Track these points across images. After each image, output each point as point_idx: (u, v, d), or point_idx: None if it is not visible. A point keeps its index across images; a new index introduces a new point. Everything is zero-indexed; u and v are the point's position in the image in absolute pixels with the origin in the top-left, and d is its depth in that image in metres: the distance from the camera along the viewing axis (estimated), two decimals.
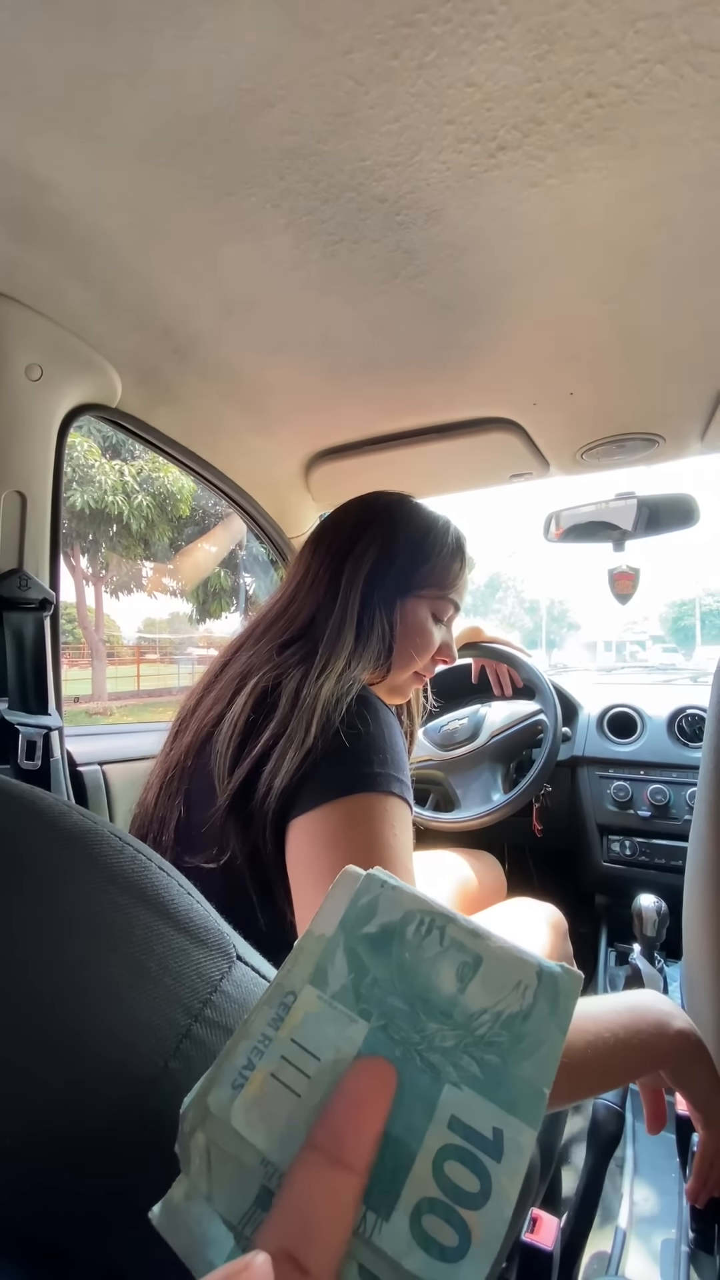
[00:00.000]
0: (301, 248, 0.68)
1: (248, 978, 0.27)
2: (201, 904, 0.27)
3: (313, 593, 0.78)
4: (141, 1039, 0.23)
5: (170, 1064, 0.23)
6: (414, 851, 0.61)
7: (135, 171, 0.59)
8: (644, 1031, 0.52)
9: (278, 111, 0.52)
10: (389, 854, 0.56)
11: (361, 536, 0.79)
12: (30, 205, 0.62)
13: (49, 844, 0.24)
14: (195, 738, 0.70)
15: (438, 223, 0.64)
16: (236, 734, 0.64)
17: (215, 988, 0.25)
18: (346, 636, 0.73)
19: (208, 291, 0.75)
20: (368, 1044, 0.21)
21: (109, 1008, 0.23)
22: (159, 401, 0.97)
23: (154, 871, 0.25)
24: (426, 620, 0.80)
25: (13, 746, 0.79)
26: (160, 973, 0.24)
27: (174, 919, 0.25)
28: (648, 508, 1.25)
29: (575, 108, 0.52)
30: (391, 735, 0.63)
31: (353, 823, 0.57)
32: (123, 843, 0.25)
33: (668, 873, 1.38)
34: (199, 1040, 0.24)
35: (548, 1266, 0.52)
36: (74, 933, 0.23)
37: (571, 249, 0.67)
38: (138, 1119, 0.23)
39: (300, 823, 0.58)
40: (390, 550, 0.78)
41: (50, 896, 0.23)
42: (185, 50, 0.48)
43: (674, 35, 0.46)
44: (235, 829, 0.61)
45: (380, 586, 0.77)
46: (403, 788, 0.60)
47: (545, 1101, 0.19)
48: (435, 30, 0.46)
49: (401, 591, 0.78)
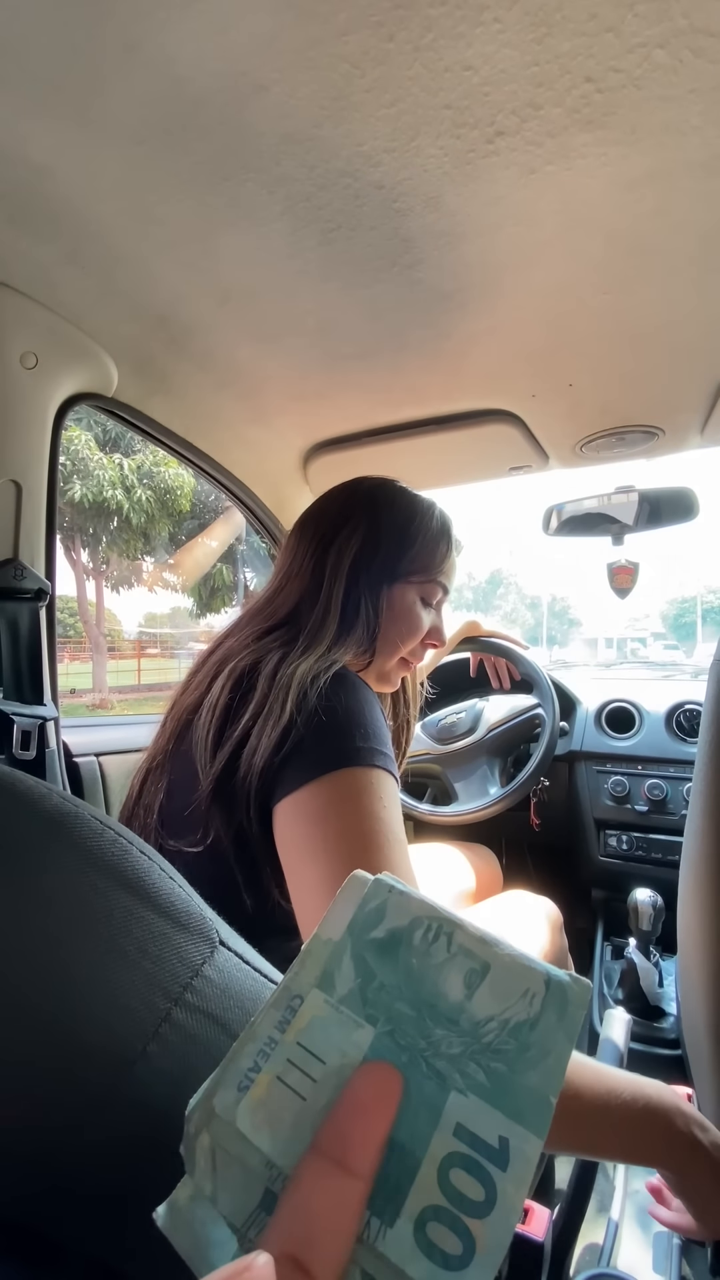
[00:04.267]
0: (298, 235, 0.67)
1: (230, 963, 0.27)
2: (184, 888, 0.27)
3: (297, 580, 0.78)
4: (120, 1021, 0.23)
5: (149, 1047, 0.23)
6: (410, 844, 0.61)
7: (130, 156, 0.58)
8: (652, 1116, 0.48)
9: (273, 95, 0.52)
10: (379, 826, 0.55)
11: (346, 523, 0.79)
12: (24, 190, 0.62)
13: (27, 826, 0.24)
14: (177, 724, 0.71)
15: (435, 210, 0.63)
16: (216, 717, 0.65)
17: (196, 972, 0.25)
18: (330, 624, 0.73)
19: (204, 279, 0.75)
20: (374, 1049, 0.21)
21: (86, 990, 0.23)
22: (155, 391, 0.97)
23: (135, 855, 0.25)
24: (414, 605, 0.80)
25: (7, 737, 0.79)
26: (139, 956, 0.24)
27: (154, 902, 0.25)
28: (648, 501, 1.24)
29: (574, 93, 0.51)
30: (371, 711, 0.63)
31: (340, 798, 0.56)
32: (103, 826, 0.25)
33: (664, 867, 1.38)
34: (179, 1024, 0.24)
35: (539, 1258, 0.52)
36: (51, 914, 0.23)
37: (570, 237, 0.67)
38: (118, 1102, 0.23)
39: (287, 803, 0.58)
40: (375, 536, 0.78)
41: (28, 878, 0.23)
42: (179, 33, 0.47)
43: (673, 19, 0.46)
44: (219, 811, 0.61)
45: (365, 573, 0.76)
46: (386, 760, 0.60)
47: (552, 1110, 0.19)
48: (431, 12, 0.45)
49: (387, 577, 0.78)
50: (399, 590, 0.79)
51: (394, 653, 0.80)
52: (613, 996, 1.28)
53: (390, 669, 0.82)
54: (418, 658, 0.85)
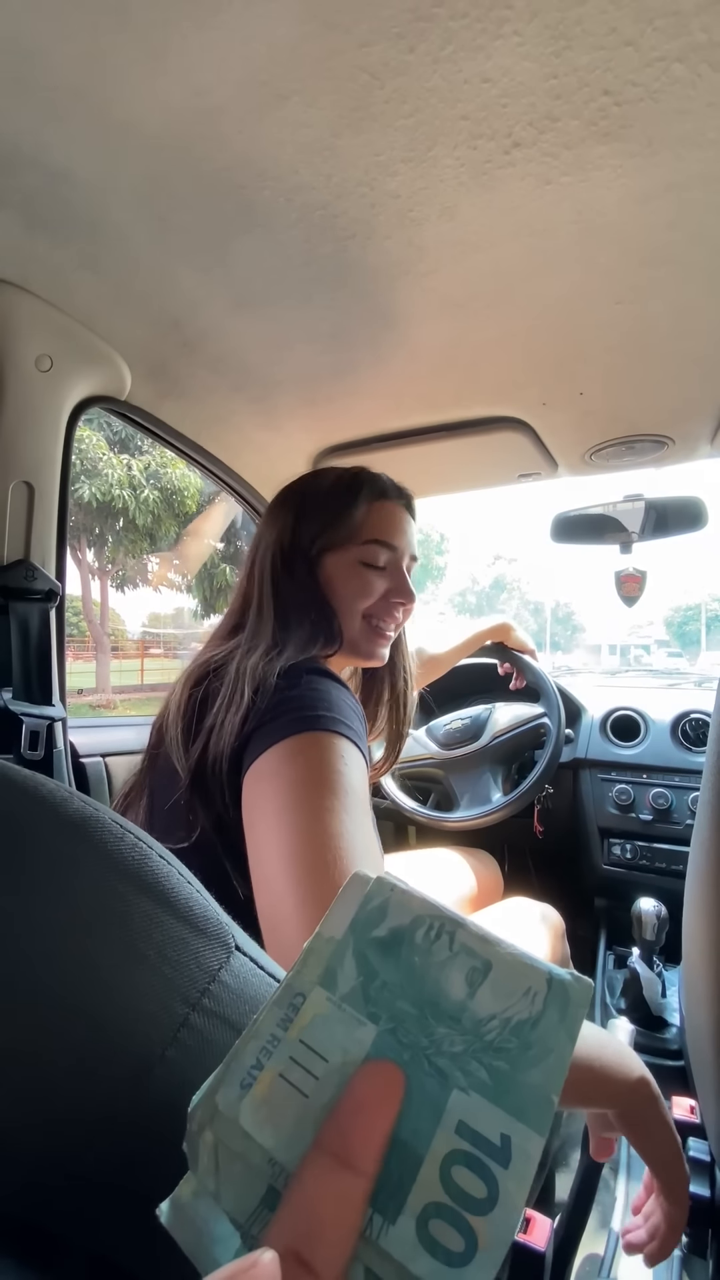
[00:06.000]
0: (313, 242, 0.67)
1: (246, 968, 0.27)
2: (201, 893, 0.27)
3: (241, 581, 0.82)
4: (140, 1026, 0.23)
5: (168, 1052, 0.23)
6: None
7: (148, 162, 0.59)
8: (608, 1060, 0.48)
9: (292, 105, 0.52)
10: (338, 780, 0.54)
11: (276, 519, 0.82)
12: (43, 195, 0.62)
13: (50, 830, 0.24)
14: (155, 727, 0.74)
15: (450, 219, 0.64)
16: (182, 715, 0.68)
17: (214, 977, 0.25)
18: (266, 618, 0.75)
19: (218, 285, 0.75)
20: (376, 1047, 0.21)
21: (108, 994, 0.23)
22: (167, 394, 0.97)
23: (154, 860, 0.26)
24: (353, 570, 0.79)
25: (16, 737, 0.80)
26: (159, 960, 0.24)
27: (173, 907, 0.25)
28: (656, 510, 1.24)
29: (591, 105, 0.51)
30: (336, 692, 0.63)
31: (298, 751, 0.56)
32: (123, 830, 0.25)
33: (668, 877, 1.38)
34: (197, 1029, 0.24)
35: (540, 1268, 0.52)
36: (74, 918, 0.23)
37: (585, 248, 0.67)
38: (137, 1106, 0.23)
39: (250, 773, 0.58)
40: (290, 522, 0.80)
41: (51, 882, 0.23)
42: (201, 41, 0.48)
43: (692, 34, 0.46)
44: (200, 803, 0.62)
45: (284, 560, 0.78)
46: (351, 732, 0.60)
47: (554, 1109, 0.19)
48: (452, 25, 0.46)
49: (306, 554, 0.79)
50: (330, 561, 0.79)
51: (353, 618, 0.79)
52: (615, 1006, 1.28)
53: (357, 635, 0.80)
54: (388, 616, 0.83)
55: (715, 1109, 0.62)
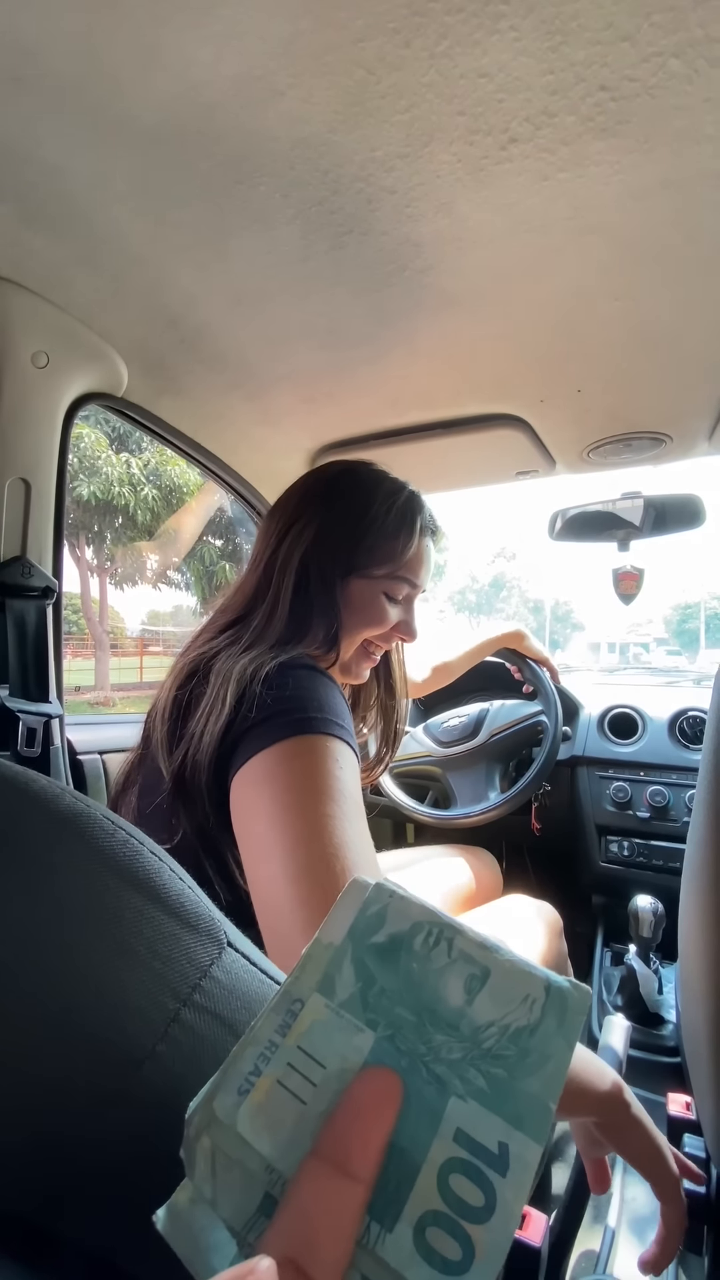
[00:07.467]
0: (310, 239, 0.67)
1: (238, 964, 0.27)
2: (193, 890, 0.27)
3: (253, 573, 0.76)
4: (129, 1021, 0.23)
5: (159, 1047, 0.23)
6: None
7: (144, 158, 0.58)
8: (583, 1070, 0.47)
9: (288, 100, 0.52)
10: (335, 785, 0.53)
11: (302, 513, 0.76)
12: (39, 191, 0.62)
13: (41, 825, 0.24)
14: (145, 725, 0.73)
15: (447, 215, 0.64)
16: (167, 716, 0.66)
17: (205, 973, 0.25)
18: (276, 621, 0.71)
19: (215, 281, 0.75)
20: (374, 1054, 0.21)
21: (97, 989, 0.23)
22: (165, 391, 0.97)
23: (146, 855, 0.26)
24: (375, 600, 0.75)
25: (13, 734, 0.80)
26: (149, 956, 0.24)
27: (164, 903, 0.25)
28: (654, 508, 1.24)
29: (588, 101, 0.51)
30: (327, 691, 0.61)
31: (291, 756, 0.55)
32: (115, 826, 0.25)
33: (665, 874, 1.38)
34: (187, 1025, 0.24)
35: (535, 1263, 0.52)
36: (64, 913, 0.23)
37: (582, 244, 0.67)
38: (127, 1101, 0.23)
39: (238, 778, 0.57)
40: (328, 526, 0.74)
41: (41, 877, 0.23)
42: (196, 36, 0.47)
43: (689, 29, 0.46)
44: (181, 807, 0.61)
45: (315, 567, 0.73)
46: (343, 731, 0.58)
47: (552, 1116, 0.19)
48: (448, 19, 0.46)
49: (341, 571, 0.74)
50: (357, 585, 0.75)
51: (355, 642, 0.77)
52: (612, 1003, 1.28)
53: (350, 659, 0.79)
54: (381, 649, 0.82)
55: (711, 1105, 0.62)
